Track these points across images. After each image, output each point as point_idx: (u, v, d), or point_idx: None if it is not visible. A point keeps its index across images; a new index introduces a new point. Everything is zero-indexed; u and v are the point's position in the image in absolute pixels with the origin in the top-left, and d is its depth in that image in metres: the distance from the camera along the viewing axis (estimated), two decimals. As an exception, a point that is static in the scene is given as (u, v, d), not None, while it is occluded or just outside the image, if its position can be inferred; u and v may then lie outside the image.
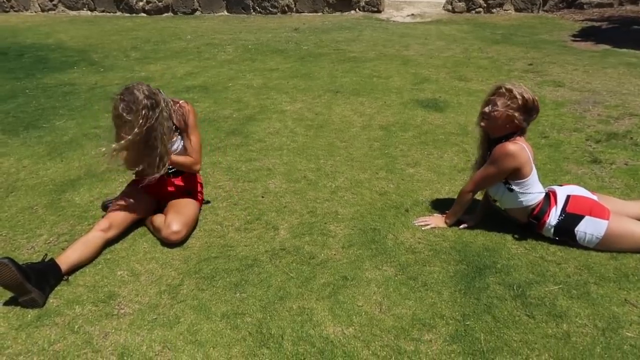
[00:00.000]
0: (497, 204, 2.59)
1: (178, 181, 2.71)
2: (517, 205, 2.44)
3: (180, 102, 2.65)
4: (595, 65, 5.62)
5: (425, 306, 2.07)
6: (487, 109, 2.38)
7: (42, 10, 11.18)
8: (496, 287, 2.16)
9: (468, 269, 2.28)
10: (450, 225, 2.60)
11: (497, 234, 2.54)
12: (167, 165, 2.53)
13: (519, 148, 2.32)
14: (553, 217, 2.39)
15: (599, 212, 2.35)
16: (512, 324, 1.96)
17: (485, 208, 2.66)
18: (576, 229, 2.35)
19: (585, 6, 9.36)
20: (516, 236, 2.50)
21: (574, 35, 7.39)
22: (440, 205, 2.81)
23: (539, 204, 2.42)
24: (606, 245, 2.34)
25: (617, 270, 2.23)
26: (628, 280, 2.16)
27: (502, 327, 1.94)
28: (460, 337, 1.90)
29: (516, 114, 2.31)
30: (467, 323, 1.97)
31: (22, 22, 9.91)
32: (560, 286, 2.15)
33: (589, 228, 2.33)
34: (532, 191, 2.40)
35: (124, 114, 2.30)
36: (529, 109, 2.33)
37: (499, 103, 2.33)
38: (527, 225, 2.48)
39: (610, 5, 9.36)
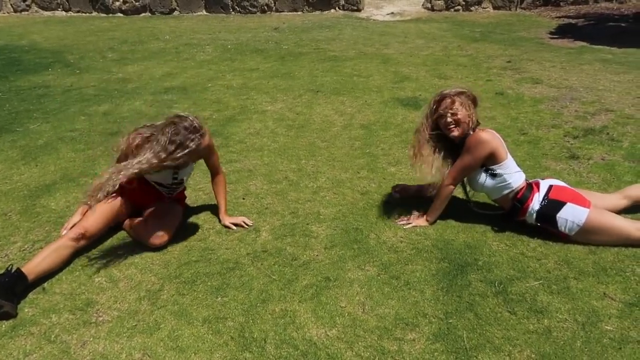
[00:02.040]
0: (485, 195, 2.65)
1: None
2: (504, 189, 2.48)
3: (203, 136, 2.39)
4: (572, 62, 5.70)
5: (408, 305, 2.06)
6: (450, 119, 2.46)
7: (15, 11, 10.93)
8: (478, 284, 2.17)
9: (450, 267, 2.28)
10: (431, 223, 2.61)
11: (478, 231, 2.55)
12: None
13: (490, 134, 2.45)
14: (536, 202, 2.43)
15: (580, 201, 2.40)
16: (494, 320, 1.96)
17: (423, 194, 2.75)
18: (558, 215, 2.38)
19: (561, 3, 9.52)
20: (496, 229, 2.52)
21: (551, 33, 7.50)
22: (422, 204, 2.81)
23: (522, 188, 2.47)
24: (585, 235, 2.36)
25: (595, 264, 2.26)
26: (606, 274, 2.19)
27: (485, 325, 1.95)
28: (443, 335, 1.91)
29: (472, 111, 2.48)
30: (450, 321, 1.97)
31: (-6, 23, 9.66)
32: (541, 282, 2.16)
33: (570, 215, 2.36)
34: (512, 171, 2.47)
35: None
36: (476, 102, 2.53)
37: (457, 109, 2.44)
38: (511, 211, 2.51)
39: (586, 2, 9.53)
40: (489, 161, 2.44)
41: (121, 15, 10.53)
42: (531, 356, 1.80)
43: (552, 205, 2.41)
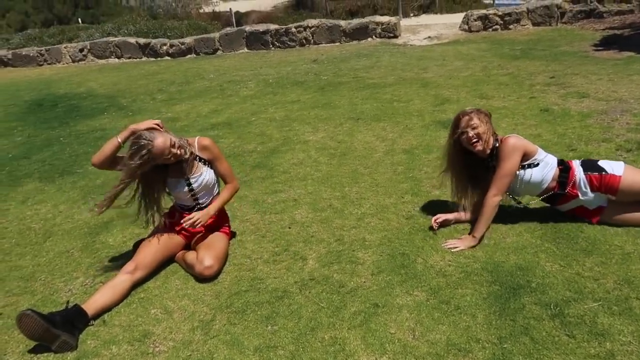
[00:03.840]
0: (524, 200, 2.79)
1: (211, 221, 2.76)
2: (550, 171, 2.59)
3: (197, 138, 2.77)
4: (620, 73, 5.51)
5: (460, 330, 2.02)
6: (472, 133, 2.57)
7: (73, 61, 11.77)
8: (532, 307, 2.10)
9: (501, 290, 2.22)
10: (479, 240, 2.56)
11: (529, 252, 2.48)
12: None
13: (516, 137, 2.59)
14: (575, 163, 2.64)
15: None
16: (551, 345, 1.89)
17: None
18: (599, 162, 2.61)
19: (604, 15, 9.27)
20: (550, 250, 2.44)
21: (595, 45, 7.30)
22: (467, 227, 2.77)
23: (558, 163, 2.63)
24: (634, 175, 2.50)
25: (659, 283, 2.14)
26: (672, 293, 2.07)
27: (542, 349, 1.87)
28: (498, 361, 1.85)
29: (489, 125, 2.61)
30: (505, 346, 1.91)
31: (55, 74, 10.43)
32: (600, 303, 2.07)
33: (608, 161, 2.61)
34: (546, 154, 2.63)
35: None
36: (489, 118, 2.65)
37: (476, 124, 2.56)
38: (561, 185, 2.59)
39: (631, 11, 9.24)
40: (525, 158, 2.58)
41: (168, 58, 11.12)
42: (594, 382, 1.71)
43: (589, 161, 2.69)
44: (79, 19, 17.53)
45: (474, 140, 2.57)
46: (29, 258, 3.03)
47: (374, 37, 10.15)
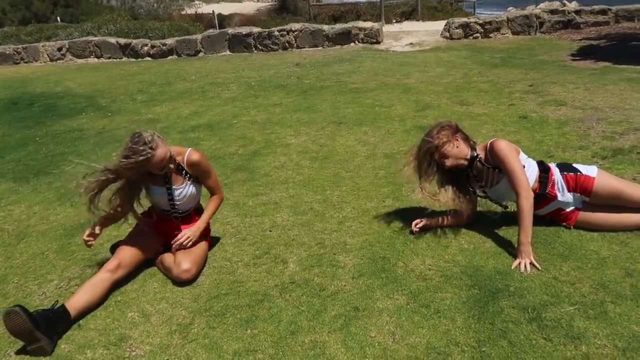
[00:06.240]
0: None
1: (187, 227, 2.72)
2: (532, 173, 2.61)
3: (187, 150, 2.66)
4: (596, 82, 5.65)
5: (439, 334, 2.03)
6: (436, 156, 2.59)
7: (51, 60, 11.54)
8: (510, 310, 2.12)
9: (481, 294, 2.24)
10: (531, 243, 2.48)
11: (508, 256, 2.51)
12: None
13: (500, 139, 2.63)
14: (553, 165, 2.71)
15: None
16: (529, 348, 1.91)
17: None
18: (573, 164, 2.71)
19: (581, 25, 9.50)
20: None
21: (572, 55, 7.46)
22: (447, 231, 2.79)
23: (538, 166, 2.68)
24: (606, 180, 2.58)
25: (633, 287, 2.18)
26: (645, 297, 2.12)
27: (519, 352, 1.89)
28: (476, 364, 1.86)
29: (455, 139, 2.61)
30: (483, 349, 1.92)
31: (31, 73, 10.21)
32: (576, 307, 2.10)
33: (582, 164, 2.71)
34: (527, 156, 2.69)
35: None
36: (455, 129, 2.66)
37: (439, 143, 2.58)
38: (541, 185, 2.63)
39: (607, 23, 9.49)
40: None
41: (149, 59, 10.99)
42: (570, 384, 1.74)
43: (563, 163, 2.82)
44: (58, 18, 17.23)
45: (442, 159, 2.61)
46: (1, 260, 2.95)
47: (356, 42, 10.21)
